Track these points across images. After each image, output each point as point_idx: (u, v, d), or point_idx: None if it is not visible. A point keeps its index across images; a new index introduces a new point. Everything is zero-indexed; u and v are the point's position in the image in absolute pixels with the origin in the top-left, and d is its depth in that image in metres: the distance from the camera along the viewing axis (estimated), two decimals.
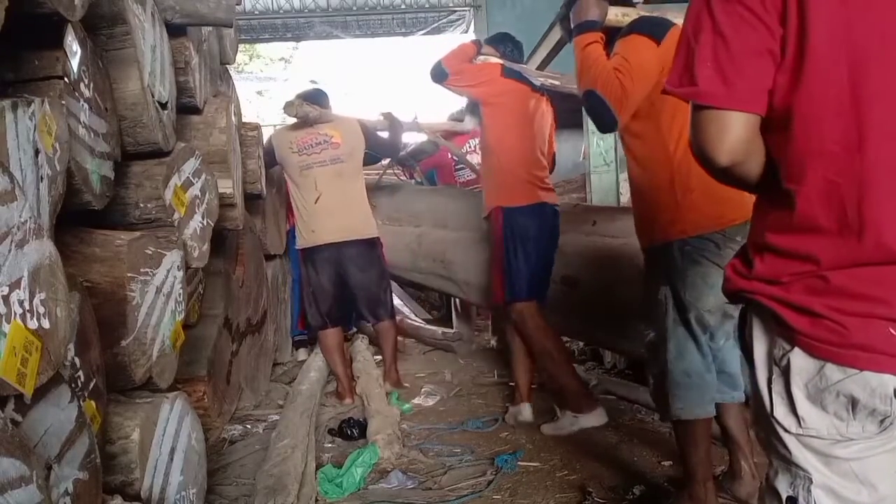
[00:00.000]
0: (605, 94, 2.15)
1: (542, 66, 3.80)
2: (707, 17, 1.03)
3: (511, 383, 3.77)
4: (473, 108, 4.22)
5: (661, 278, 2.23)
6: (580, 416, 3.18)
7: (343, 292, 3.96)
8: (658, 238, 2.25)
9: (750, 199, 2.25)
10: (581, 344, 4.48)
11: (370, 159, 4.33)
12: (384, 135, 4.41)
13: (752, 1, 1.00)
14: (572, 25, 2.34)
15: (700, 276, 2.16)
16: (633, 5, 2.45)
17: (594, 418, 3.18)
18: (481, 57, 3.49)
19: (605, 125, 2.24)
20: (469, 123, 4.99)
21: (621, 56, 2.20)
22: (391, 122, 4.48)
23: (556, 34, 2.86)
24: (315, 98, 4.03)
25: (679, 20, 2.28)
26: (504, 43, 3.61)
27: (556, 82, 3.60)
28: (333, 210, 3.84)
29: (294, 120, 3.93)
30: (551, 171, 3.67)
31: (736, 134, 1.03)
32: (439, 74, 3.37)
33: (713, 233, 2.14)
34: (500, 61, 3.45)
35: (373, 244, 3.99)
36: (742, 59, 1.01)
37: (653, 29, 2.21)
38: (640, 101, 2.18)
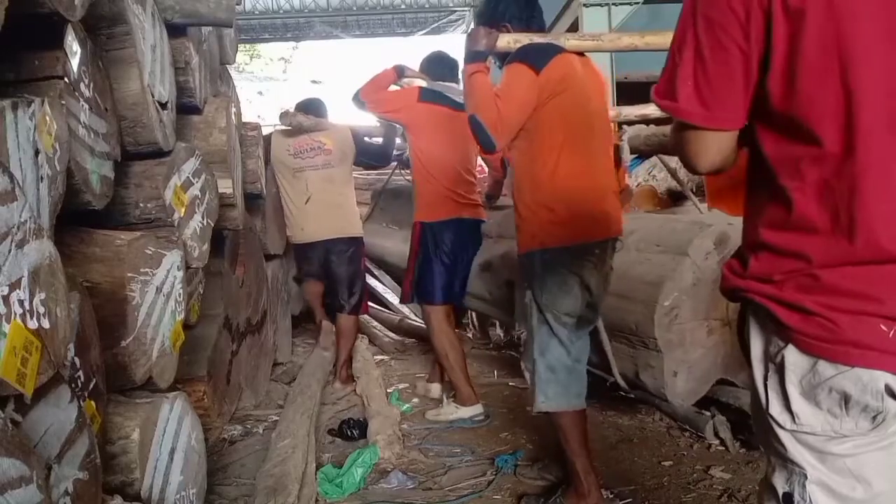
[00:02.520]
0: (483, 119, 2.28)
1: None
2: (692, 35, 1.07)
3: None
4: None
5: (526, 283, 2.43)
6: (461, 408, 3.50)
7: (328, 281, 4.33)
8: (523, 247, 2.44)
9: (609, 218, 2.44)
10: None
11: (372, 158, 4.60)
12: (378, 141, 4.55)
13: (734, 29, 1.03)
14: (464, 55, 2.46)
15: (556, 283, 2.36)
16: (539, 30, 2.56)
17: (471, 411, 3.50)
18: (405, 80, 3.66)
19: (485, 146, 2.36)
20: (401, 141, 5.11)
21: (503, 83, 2.34)
22: (387, 130, 4.59)
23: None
24: (313, 107, 4.28)
25: (571, 42, 2.43)
26: (434, 63, 3.73)
27: None
28: (322, 211, 4.13)
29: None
30: (504, 176, 3.98)
31: (715, 150, 1.11)
32: (358, 103, 3.54)
33: (569, 246, 2.35)
34: (422, 84, 3.55)
35: (354, 242, 4.28)
36: (719, 85, 1.06)
37: (534, 58, 2.32)
38: (518, 125, 2.32)
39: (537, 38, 2.43)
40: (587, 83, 2.42)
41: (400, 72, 3.64)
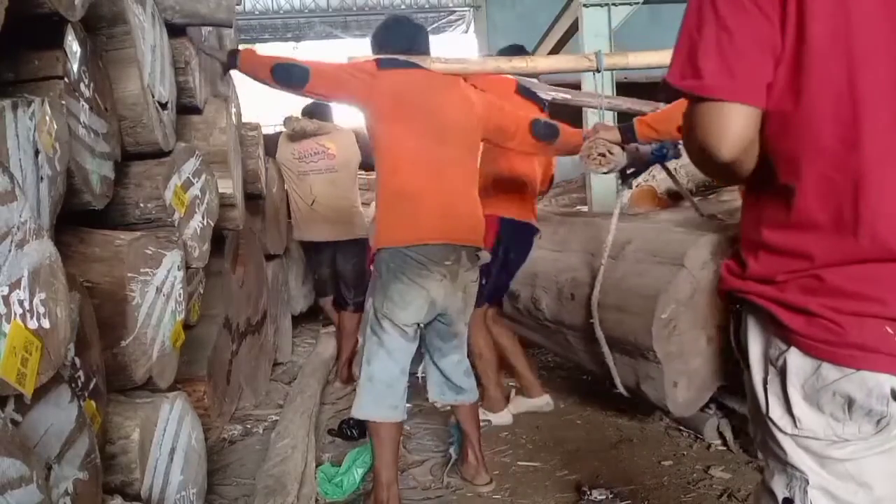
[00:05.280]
0: (282, 61, 2.51)
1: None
2: (710, 10, 1.01)
3: (512, 384, 3.76)
4: None
5: (371, 289, 2.53)
6: (489, 413, 3.35)
7: (336, 277, 4.39)
8: (372, 249, 2.52)
9: (458, 224, 2.50)
10: None
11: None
12: None
13: None
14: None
15: (398, 292, 2.39)
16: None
17: (502, 418, 3.38)
18: None
19: (297, 79, 2.48)
20: None
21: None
22: None
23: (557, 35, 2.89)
24: (318, 111, 4.31)
25: (436, 65, 2.62)
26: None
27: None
28: (327, 215, 4.19)
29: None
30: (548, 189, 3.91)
31: (740, 127, 1.01)
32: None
33: (409, 247, 2.38)
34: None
35: (360, 243, 4.34)
36: (747, 52, 0.99)
37: (384, 60, 2.52)
38: (331, 83, 2.49)
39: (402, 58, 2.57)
40: (442, 98, 2.53)
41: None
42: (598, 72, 2.77)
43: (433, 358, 2.66)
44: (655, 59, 2.82)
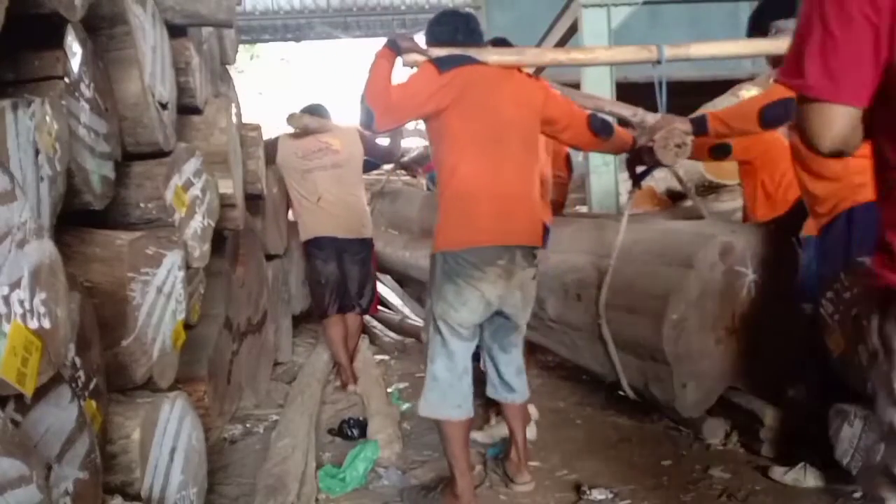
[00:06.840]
0: (367, 96, 2.37)
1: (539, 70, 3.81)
2: (818, 14, 1.08)
3: None
4: None
5: (429, 290, 2.49)
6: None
7: (342, 279, 4.29)
8: (432, 250, 2.50)
9: (516, 225, 2.45)
10: None
11: (369, 166, 4.61)
12: (385, 141, 4.56)
13: (862, 3, 1.04)
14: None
15: (453, 293, 2.39)
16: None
17: (529, 432, 3.17)
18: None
19: (364, 122, 2.44)
20: None
21: (409, 77, 2.47)
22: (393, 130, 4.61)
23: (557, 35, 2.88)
24: (316, 111, 4.31)
25: (492, 58, 2.50)
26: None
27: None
28: (334, 211, 4.17)
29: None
30: (569, 177, 3.86)
31: (839, 126, 1.09)
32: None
33: (463, 250, 2.37)
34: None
35: (366, 244, 4.34)
36: (848, 58, 1.06)
37: (442, 61, 2.44)
38: (406, 112, 2.43)
39: (457, 51, 2.51)
40: (500, 94, 2.47)
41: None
42: (659, 63, 2.73)
43: (490, 354, 2.64)
44: (715, 49, 2.77)
